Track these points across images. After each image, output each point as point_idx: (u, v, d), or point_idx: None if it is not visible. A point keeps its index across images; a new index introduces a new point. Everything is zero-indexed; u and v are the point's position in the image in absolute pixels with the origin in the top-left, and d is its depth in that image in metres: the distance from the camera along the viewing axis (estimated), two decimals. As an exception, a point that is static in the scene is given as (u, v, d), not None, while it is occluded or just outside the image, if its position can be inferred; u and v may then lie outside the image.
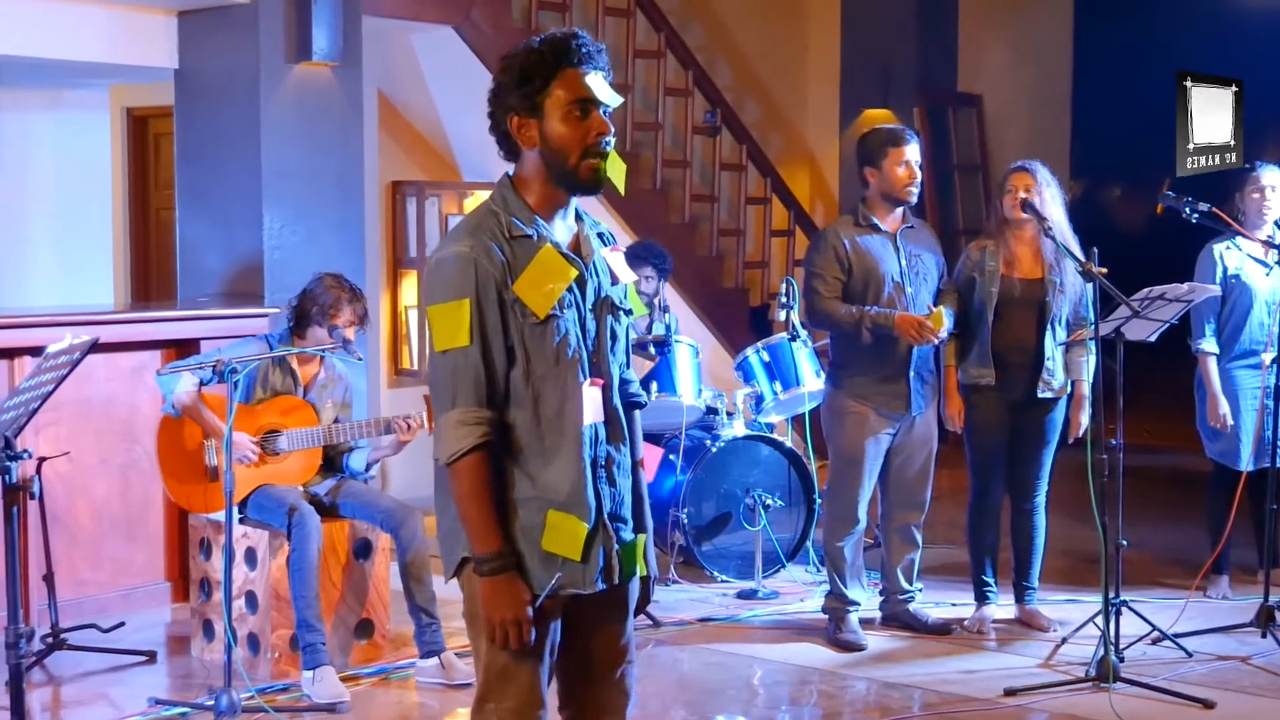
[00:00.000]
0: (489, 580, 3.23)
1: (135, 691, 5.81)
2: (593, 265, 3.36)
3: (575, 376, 3.28)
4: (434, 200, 9.77)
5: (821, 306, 6.28)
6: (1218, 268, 6.81)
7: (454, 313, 3.20)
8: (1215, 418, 6.80)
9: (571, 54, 3.27)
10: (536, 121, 3.27)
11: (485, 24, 8.99)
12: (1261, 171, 6.77)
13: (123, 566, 6.98)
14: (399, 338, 9.64)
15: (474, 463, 3.20)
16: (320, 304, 6.09)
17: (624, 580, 3.41)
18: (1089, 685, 5.73)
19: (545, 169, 3.29)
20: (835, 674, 6.12)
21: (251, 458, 6.00)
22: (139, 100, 9.71)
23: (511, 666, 3.28)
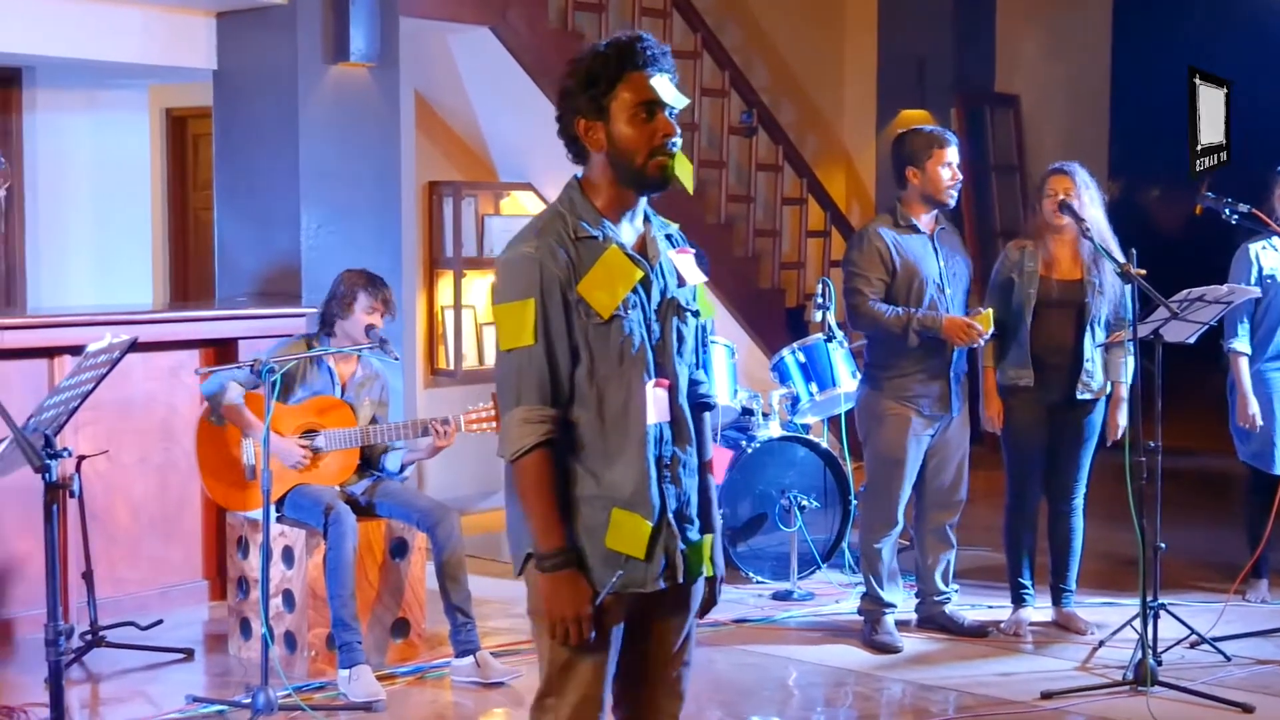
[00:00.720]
0: (550, 576, 3.25)
1: (173, 689, 5.84)
2: (659, 267, 3.39)
3: (639, 377, 3.30)
4: (470, 200, 9.79)
5: (867, 309, 6.25)
6: (1253, 268, 6.77)
7: (519, 312, 3.24)
8: (1245, 418, 6.76)
9: (636, 56, 3.29)
10: (603, 124, 3.30)
11: (521, 24, 8.99)
12: None
13: (161, 565, 7.01)
14: (435, 338, 9.66)
15: (537, 459, 3.24)
16: (337, 297, 6.15)
17: (688, 580, 3.42)
18: (1126, 689, 5.71)
19: (612, 170, 3.33)
20: (870, 676, 6.11)
21: (304, 462, 6.03)
22: (178, 101, 9.75)
23: (573, 663, 3.30)
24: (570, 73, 3.35)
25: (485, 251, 9.85)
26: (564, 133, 3.39)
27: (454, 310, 9.63)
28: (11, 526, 6.40)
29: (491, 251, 9.87)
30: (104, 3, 7.43)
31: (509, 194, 10.15)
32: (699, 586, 3.50)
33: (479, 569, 7.86)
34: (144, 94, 9.58)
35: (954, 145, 6.30)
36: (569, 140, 3.38)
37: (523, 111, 9.40)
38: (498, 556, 8.29)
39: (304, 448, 6.04)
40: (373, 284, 6.15)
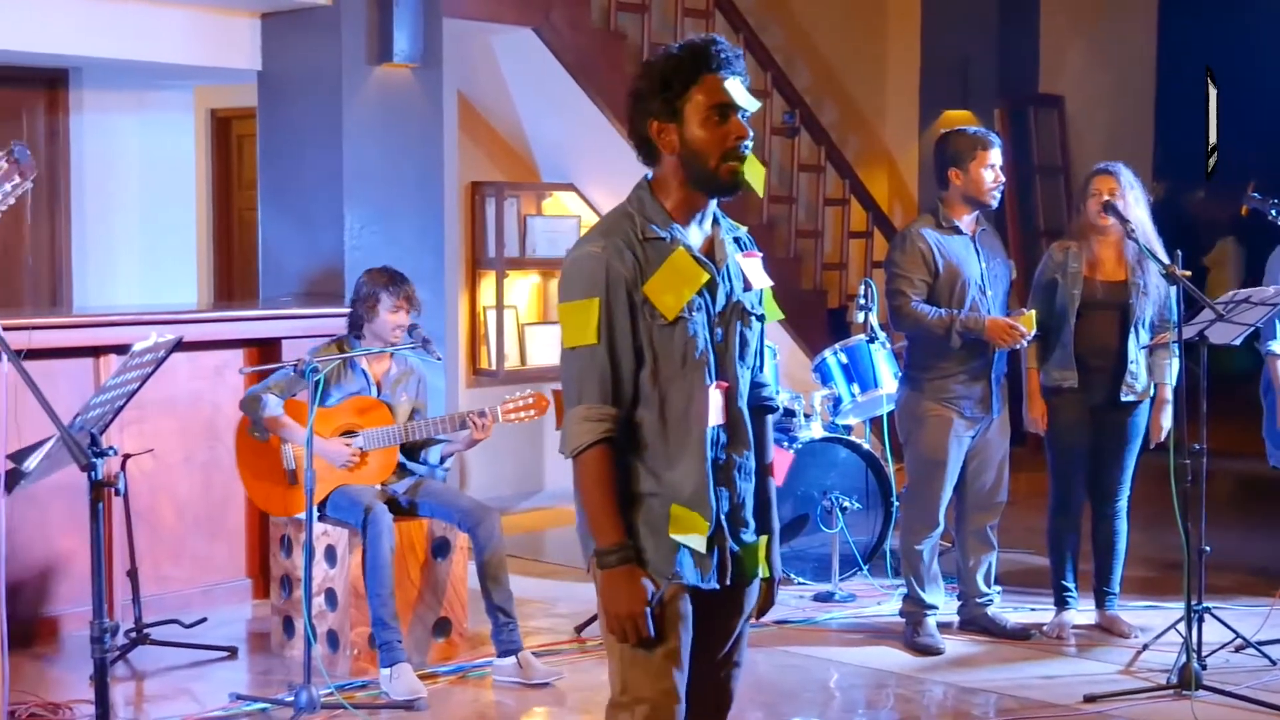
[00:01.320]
0: (609, 573, 3.26)
1: (217, 687, 5.87)
2: (725, 270, 3.38)
3: (701, 379, 3.31)
4: (513, 201, 9.81)
5: (910, 310, 6.23)
6: None
7: (583, 311, 3.26)
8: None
9: (710, 59, 3.30)
10: (676, 126, 3.30)
11: (564, 25, 9.00)
12: None
13: (205, 563, 7.06)
14: (477, 338, 9.68)
15: (596, 456, 3.25)
16: (361, 299, 6.18)
17: (739, 582, 3.43)
18: (1170, 692, 5.68)
19: (684, 172, 3.32)
20: (912, 678, 6.09)
21: (353, 460, 6.05)
22: (222, 102, 9.80)
23: (644, 660, 3.30)
24: (643, 75, 3.36)
25: (527, 252, 9.87)
26: (635, 134, 3.38)
27: (496, 310, 9.65)
28: (57, 524, 6.45)
29: (534, 252, 9.89)
30: (150, 4, 7.48)
31: (551, 194, 10.17)
32: (753, 589, 3.51)
33: (521, 569, 7.88)
34: (189, 95, 9.63)
35: (997, 147, 6.28)
36: (640, 141, 3.37)
37: (565, 112, 9.42)
38: (540, 556, 8.31)
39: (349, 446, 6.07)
40: (394, 282, 6.15)
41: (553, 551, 8.47)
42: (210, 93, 9.73)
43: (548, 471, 9.99)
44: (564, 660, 6.23)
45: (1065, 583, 6.61)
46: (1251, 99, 11.46)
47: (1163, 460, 5.90)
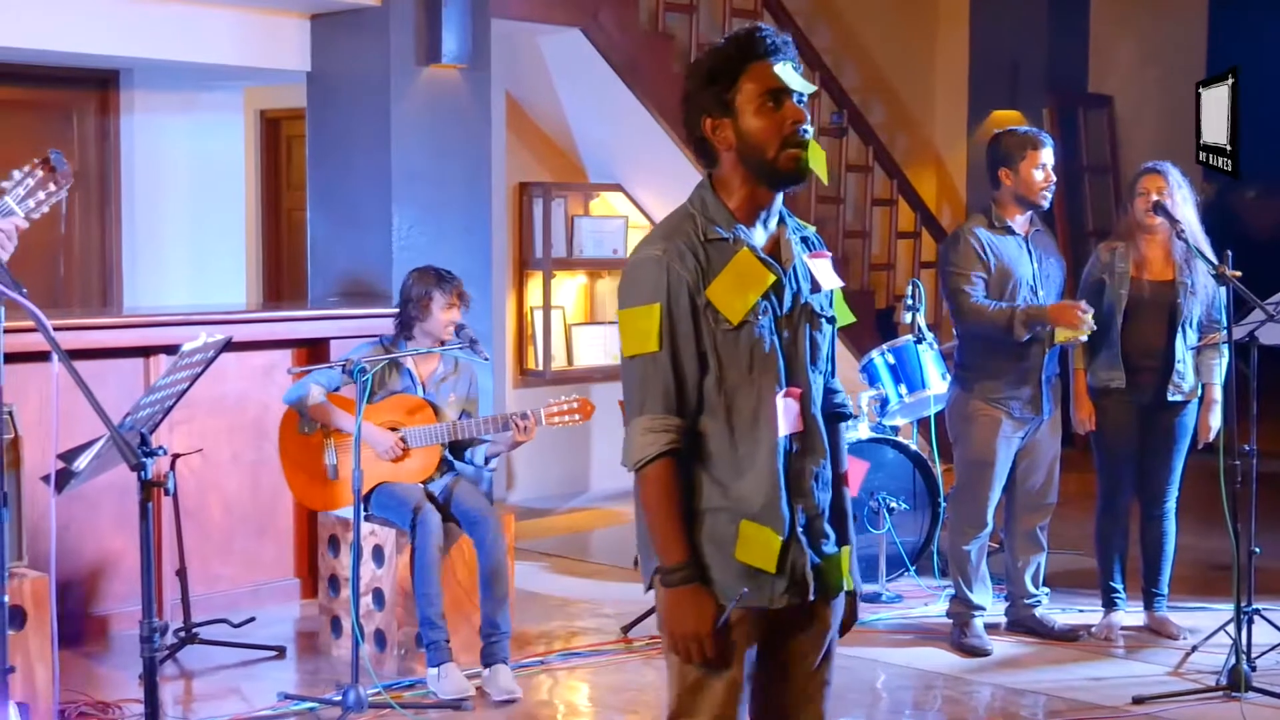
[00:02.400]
0: (673, 591, 3.12)
1: (265, 686, 5.91)
2: (792, 270, 3.25)
3: (770, 385, 3.17)
4: (560, 201, 9.83)
5: (971, 306, 6.19)
6: None
7: (644, 318, 3.13)
8: None
9: (756, 45, 3.16)
10: (730, 120, 3.16)
11: (612, 26, 9.01)
12: None
13: (253, 562, 7.10)
14: (525, 338, 9.70)
15: (660, 470, 3.12)
16: (412, 300, 6.15)
17: (821, 597, 3.29)
18: (1220, 694, 5.64)
19: (744, 167, 3.18)
20: (960, 679, 6.07)
21: (396, 450, 6.06)
22: (272, 102, 9.85)
23: (704, 681, 3.16)
24: (692, 74, 3.24)
25: (574, 252, 9.88)
26: (691, 135, 3.25)
27: (543, 311, 9.67)
28: (107, 524, 6.50)
29: (581, 252, 9.90)
30: (199, 6, 7.53)
31: (598, 195, 10.18)
32: (839, 603, 3.37)
33: (567, 569, 7.91)
34: (239, 96, 9.69)
35: (1049, 147, 6.25)
36: (697, 142, 3.23)
37: (612, 112, 9.43)
38: (586, 557, 8.32)
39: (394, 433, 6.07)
40: (444, 280, 6.15)
41: (599, 552, 8.48)
42: (259, 94, 9.78)
43: (594, 472, 10.01)
44: (610, 661, 6.24)
45: (1113, 584, 6.58)
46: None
47: (1212, 461, 5.86)
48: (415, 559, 5.88)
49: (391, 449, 6.06)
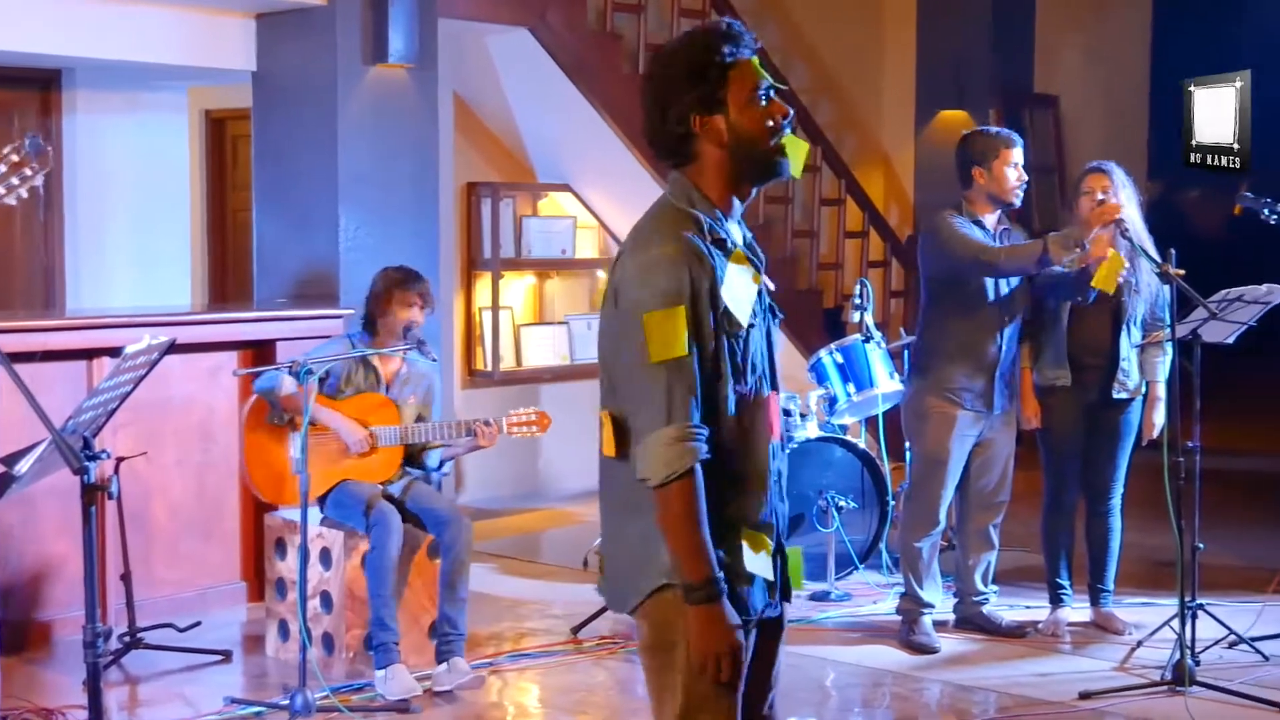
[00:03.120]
0: (703, 609, 2.99)
1: (211, 691, 5.86)
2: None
3: (764, 390, 3.15)
4: (508, 201, 9.81)
5: (998, 249, 6.14)
6: None
7: (670, 320, 2.99)
8: None
9: (741, 41, 3.15)
10: (722, 116, 3.12)
11: (560, 25, 9.00)
12: None
13: (199, 566, 7.04)
14: (473, 339, 9.68)
15: (689, 483, 2.98)
16: (375, 295, 6.19)
17: (786, 598, 3.29)
18: (1164, 689, 5.69)
19: (732, 163, 3.15)
20: (908, 676, 6.09)
21: (364, 445, 6.04)
22: (217, 102, 9.80)
23: (714, 696, 3.06)
24: (670, 71, 3.15)
25: (523, 253, 9.87)
26: (671, 134, 3.15)
27: (492, 311, 9.65)
28: (50, 528, 6.44)
29: (529, 252, 9.89)
30: (143, 5, 7.48)
31: (547, 195, 10.17)
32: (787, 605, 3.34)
33: (518, 570, 7.90)
34: (183, 96, 9.62)
35: (1020, 146, 6.30)
36: (678, 140, 3.15)
37: (561, 112, 9.42)
38: (536, 558, 8.31)
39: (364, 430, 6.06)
40: (408, 279, 6.17)
41: (548, 553, 8.47)
42: (204, 93, 9.72)
43: (544, 473, 9.99)
44: (560, 662, 6.23)
45: (1060, 580, 6.62)
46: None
47: (1157, 458, 5.90)
48: (371, 559, 5.85)
49: (362, 443, 6.04)
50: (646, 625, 3.13)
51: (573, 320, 10.19)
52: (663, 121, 3.15)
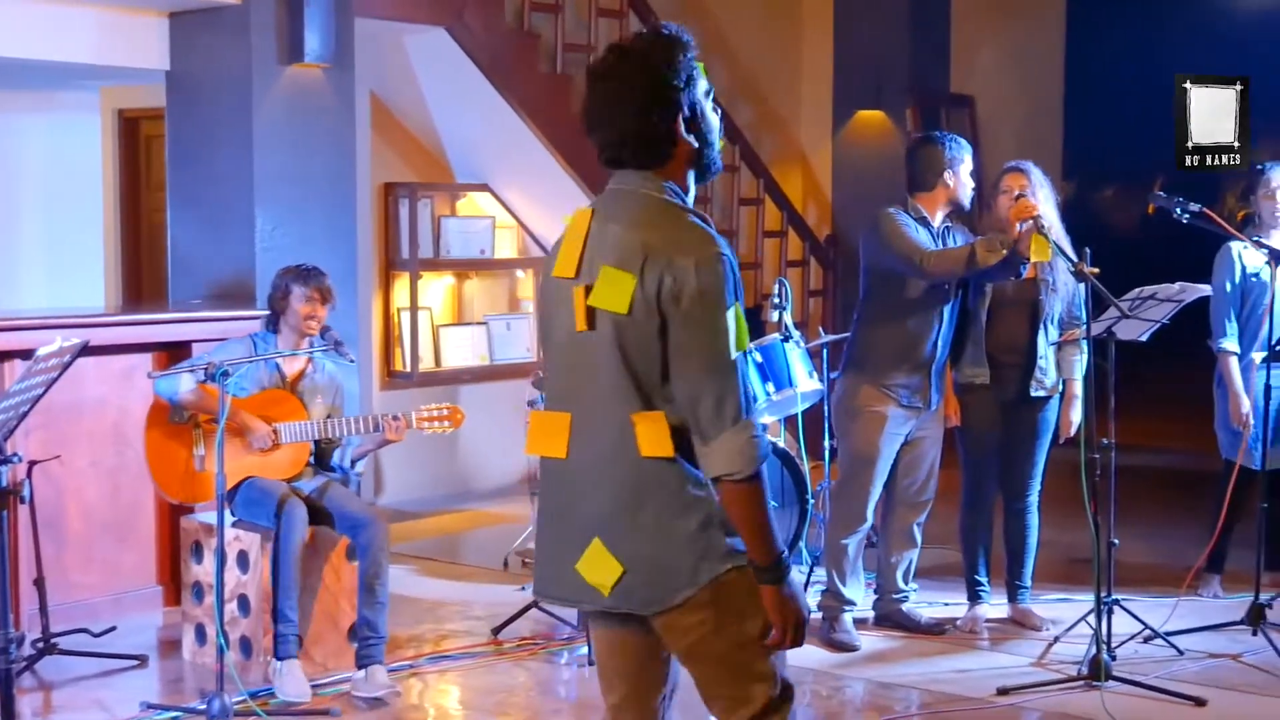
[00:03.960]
0: (778, 588, 3.18)
1: (127, 696, 5.79)
2: None
3: None
4: (426, 202, 9.77)
5: (932, 252, 6.16)
6: (1236, 266, 6.81)
7: (739, 315, 3.15)
8: (1238, 417, 6.78)
9: (693, 48, 3.29)
10: (696, 119, 3.27)
11: (477, 25, 8.98)
12: (1271, 173, 6.75)
13: (114, 570, 6.96)
14: (391, 340, 9.63)
15: (761, 474, 3.14)
16: (274, 294, 6.18)
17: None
18: (1081, 684, 5.74)
19: (699, 166, 3.29)
20: (829, 674, 6.11)
21: (268, 441, 5.99)
22: (130, 102, 9.70)
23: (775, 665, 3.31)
24: (656, 71, 3.23)
25: (441, 253, 9.83)
26: (653, 133, 3.22)
27: (410, 312, 9.60)
28: (-38, 532, 6.34)
29: (448, 253, 9.85)
30: (55, 3, 7.38)
31: (465, 195, 10.14)
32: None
33: (438, 571, 7.87)
34: (96, 95, 9.53)
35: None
36: (659, 141, 3.23)
37: (479, 112, 9.39)
38: (457, 559, 8.28)
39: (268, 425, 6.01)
40: (305, 275, 6.14)
41: (469, 554, 8.45)
42: (117, 93, 9.63)
43: (464, 474, 9.96)
44: (480, 664, 6.21)
45: (978, 577, 6.67)
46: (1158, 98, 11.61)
47: (1073, 455, 5.95)
48: (274, 552, 5.81)
49: (265, 438, 5.99)
50: (708, 611, 3.21)
51: (492, 320, 10.17)
52: (646, 122, 3.21)
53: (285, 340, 6.14)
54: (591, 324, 3.21)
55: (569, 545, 3.28)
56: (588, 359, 3.23)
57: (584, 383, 3.26)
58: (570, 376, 3.29)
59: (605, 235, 3.23)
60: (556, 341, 3.34)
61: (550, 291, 3.34)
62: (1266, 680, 5.87)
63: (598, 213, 3.29)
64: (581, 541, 3.25)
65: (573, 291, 3.23)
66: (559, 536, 3.32)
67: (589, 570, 3.25)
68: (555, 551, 3.33)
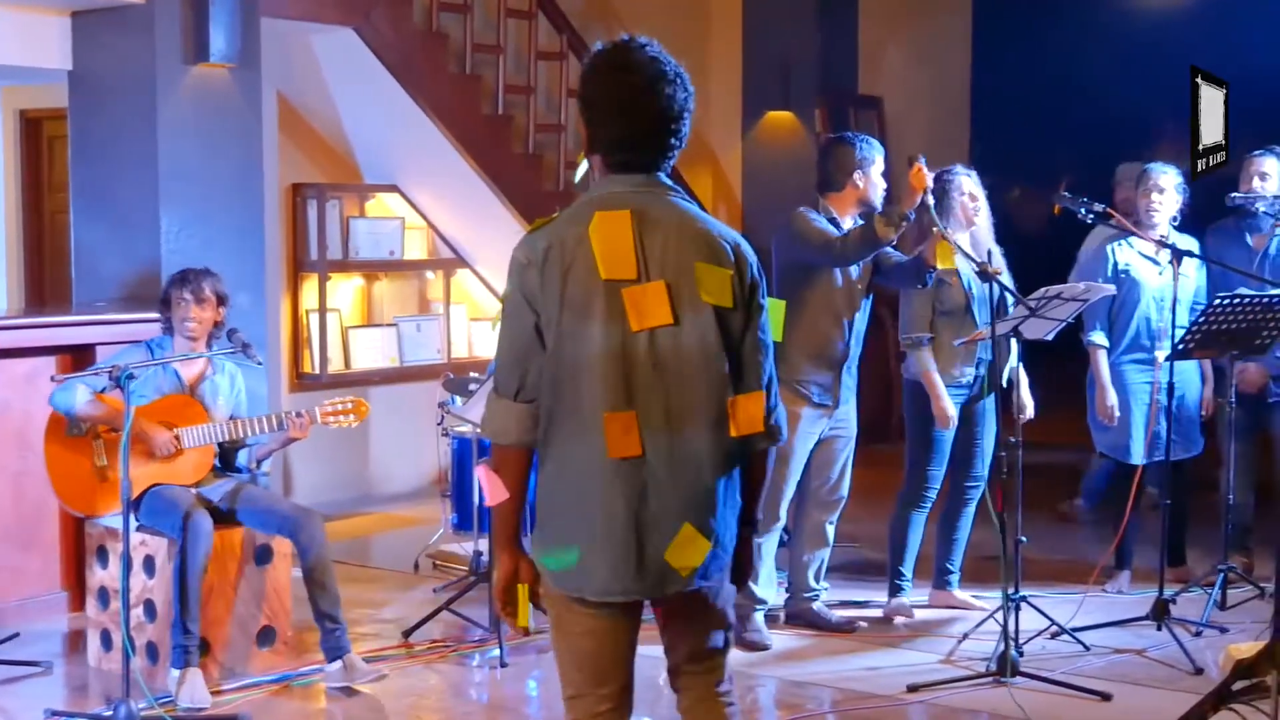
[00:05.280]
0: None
1: (31, 703, 5.71)
2: None
3: None
4: (335, 203, 9.70)
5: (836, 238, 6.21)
6: (1107, 262, 6.92)
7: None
8: (1104, 410, 6.90)
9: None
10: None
11: (385, 25, 8.92)
12: (1153, 172, 6.86)
13: (17, 576, 6.86)
14: (300, 342, 9.55)
15: None
16: (161, 300, 6.21)
17: None
18: (989, 680, 5.79)
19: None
20: (741, 674, 6.10)
21: (171, 448, 5.93)
22: (32, 102, 9.57)
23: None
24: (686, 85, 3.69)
25: (350, 254, 9.76)
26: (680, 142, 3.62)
27: (319, 314, 9.53)
28: None
29: (357, 254, 9.79)
30: (-47, 2, 7.27)
31: (374, 196, 10.08)
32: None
33: (345, 575, 7.76)
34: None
35: None
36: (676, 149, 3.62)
37: (388, 113, 9.34)
38: (366, 562, 8.23)
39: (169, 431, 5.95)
40: (180, 279, 6.14)
41: (378, 557, 8.40)
42: (19, 93, 9.49)
43: (373, 475, 9.90)
44: (391, 666, 6.18)
45: (903, 570, 6.76)
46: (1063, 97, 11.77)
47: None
48: (178, 564, 5.76)
49: (166, 445, 5.93)
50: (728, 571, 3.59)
51: (402, 322, 10.11)
52: (680, 131, 3.57)
53: (180, 345, 6.11)
54: (677, 319, 3.35)
55: (654, 536, 3.38)
56: (664, 355, 3.35)
57: (660, 378, 3.35)
58: (635, 374, 3.35)
59: (669, 234, 3.40)
60: (599, 345, 3.35)
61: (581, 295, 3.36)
62: (1170, 674, 5.95)
63: (639, 214, 3.40)
64: (669, 529, 3.38)
65: (637, 291, 3.35)
66: (641, 530, 3.38)
67: (678, 555, 3.40)
68: (628, 548, 3.39)
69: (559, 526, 3.44)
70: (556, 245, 3.38)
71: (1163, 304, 6.83)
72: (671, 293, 3.35)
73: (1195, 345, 6.40)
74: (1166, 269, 6.80)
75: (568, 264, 3.36)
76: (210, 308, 6.12)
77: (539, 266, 3.38)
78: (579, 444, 3.36)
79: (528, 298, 3.39)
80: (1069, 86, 11.70)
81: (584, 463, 3.36)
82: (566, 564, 3.42)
